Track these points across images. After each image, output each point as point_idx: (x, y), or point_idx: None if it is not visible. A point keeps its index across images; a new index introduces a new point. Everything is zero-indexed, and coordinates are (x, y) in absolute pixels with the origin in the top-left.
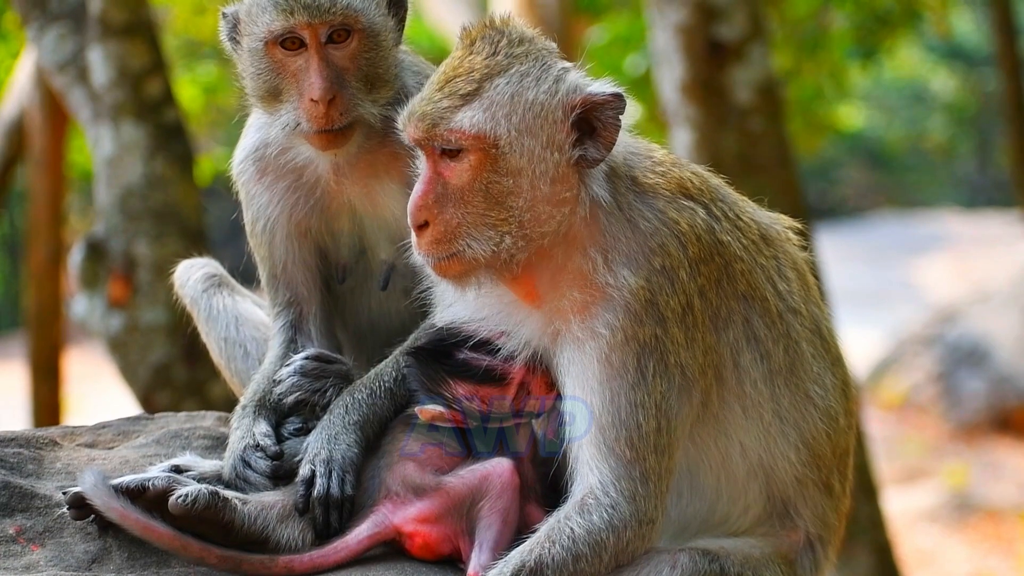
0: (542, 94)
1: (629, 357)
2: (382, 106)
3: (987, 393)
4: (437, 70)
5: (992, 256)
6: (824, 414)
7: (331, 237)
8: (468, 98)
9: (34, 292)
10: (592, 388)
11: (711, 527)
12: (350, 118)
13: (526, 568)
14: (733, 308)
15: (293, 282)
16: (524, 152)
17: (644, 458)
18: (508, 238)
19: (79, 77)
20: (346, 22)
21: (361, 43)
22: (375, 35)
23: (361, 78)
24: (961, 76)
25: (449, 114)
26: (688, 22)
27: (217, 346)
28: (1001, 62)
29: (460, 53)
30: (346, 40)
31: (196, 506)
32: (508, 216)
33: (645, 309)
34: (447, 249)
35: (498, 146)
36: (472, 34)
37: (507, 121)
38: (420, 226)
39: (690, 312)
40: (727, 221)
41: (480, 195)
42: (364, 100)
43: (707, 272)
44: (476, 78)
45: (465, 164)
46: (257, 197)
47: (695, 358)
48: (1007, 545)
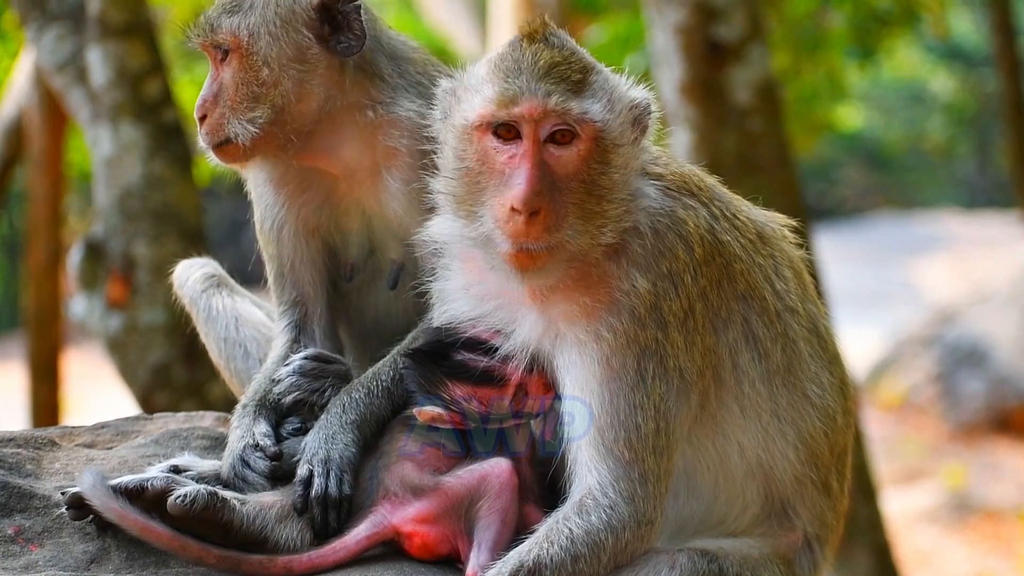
0: (625, 95)
1: (629, 359)
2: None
3: (986, 394)
4: (508, 59)
5: (991, 257)
6: (822, 413)
7: (340, 236)
8: (580, 87)
9: (33, 292)
10: (592, 389)
11: (709, 527)
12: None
13: (524, 568)
14: (733, 308)
15: (300, 281)
16: (624, 147)
17: (643, 459)
18: (607, 231)
19: (78, 77)
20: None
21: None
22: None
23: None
24: (960, 76)
25: (571, 98)
26: (687, 22)
27: (216, 346)
28: (1000, 62)
29: (536, 45)
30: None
31: (195, 506)
32: (608, 209)
33: (648, 313)
34: (552, 239)
35: (611, 138)
36: (540, 29)
37: (614, 115)
38: (532, 213)
39: (691, 316)
40: (725, 220)
41: (583, 186)
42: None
43: (709, 274)
44: (577, 69)
45: (574, 153)
46: (265, 195)
47: (694, 361)
48: (1006, 545)
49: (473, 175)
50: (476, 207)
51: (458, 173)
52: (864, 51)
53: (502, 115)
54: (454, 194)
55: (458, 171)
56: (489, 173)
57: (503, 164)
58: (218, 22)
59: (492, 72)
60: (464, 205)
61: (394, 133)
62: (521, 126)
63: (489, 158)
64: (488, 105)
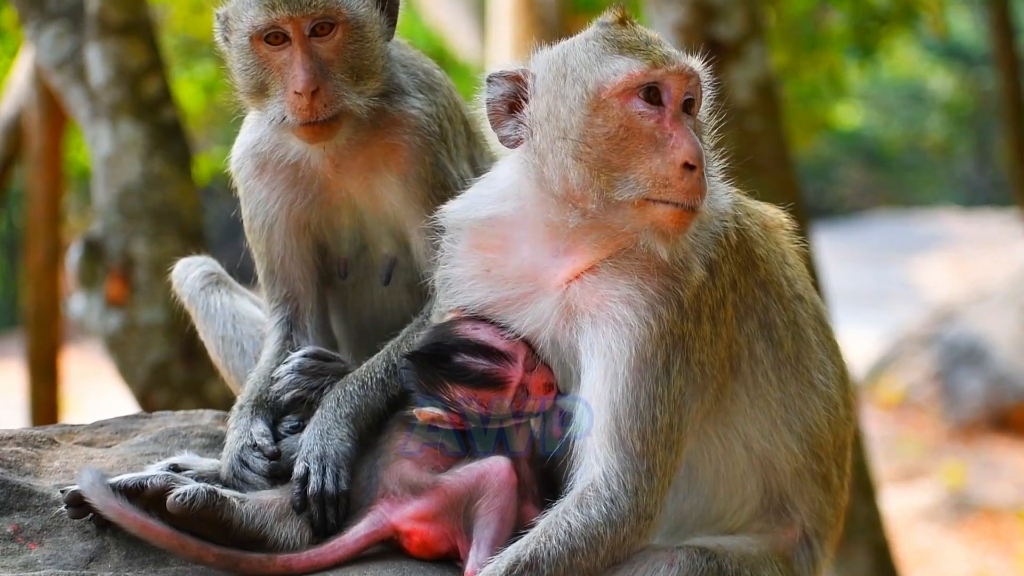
0: None
1: (661, 351)
2: (369, 97)
3: (985, 392)
4: (610, 32)
5: (990, 256)
6: (827, 402)
7: (331, 232)
8: None
9: (32, 291)
10: (617, 374)
11: (707, 523)
12: (335, 110)
13: (521, 563)
14: (756, 296)
15: (290, 278)
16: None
17: (654, 453)
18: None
19: (77, 76)
20: (328, 14)
21: (345, 35)
22: (360, 27)
23: (346, 70)
24: (959, 75)
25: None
26: (686, 21)
27: (215, 344)
28: (999, 61)
29: (626, 23)
30: (330, 32)
31: (194, 505)
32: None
33: (691, 304)
34: (703, 196)
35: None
36: (619, 12)
37: None
38: (694, 167)
39: (723, 307)
40: (739, 207)
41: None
42: (350, 92)
43: (738, 261)
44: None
45: (696, 119)
46: (255, 192)
47: (716, 354)
48: (1005, 544)
49: None
50: None
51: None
52: (863, 50)
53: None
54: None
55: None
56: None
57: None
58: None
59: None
60: None
61: (396, 130)
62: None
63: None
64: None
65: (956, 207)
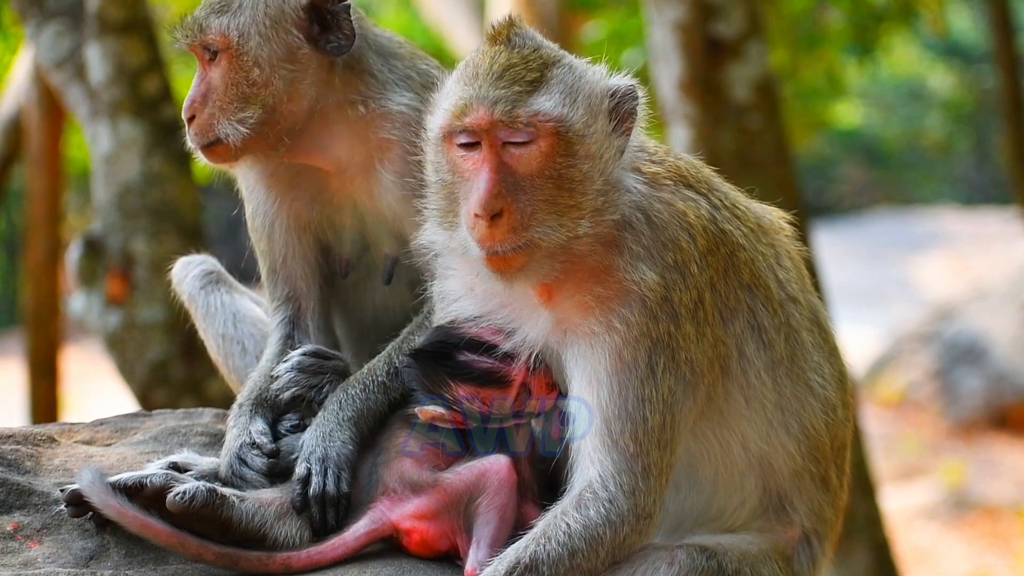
0: (596, 83)
1: (641, 353)
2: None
3: (984, 390)
4: (470, 65)
5: (989, 254)
6: (824, 404)
7: (333, 231)
8: (535, 85)
9: (32, 289)
10: (600, 381)
11: (707, 522)
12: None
13: (521, 564)
14: (739, 298)
15: (292, 276)
16: (594, 137)
17: (647, 452)
18: (584, 223)
19: (77, 74)
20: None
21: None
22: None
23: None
24: (958, 73)
25: (525, 98)
26: (686, 19)
27: (215, 342)
28: (998, 59)
29: (496, 48)
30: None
31: (194, 503)
32: (581, 202)
33: (659, 305)
34: (520, 238)
35: (574, 131)
36: (503, 31)
37: (577, 107)
38: (495, 216)
39: (701, 306)
40: (726, 210)
41: (551, 182)
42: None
43: (714, 263)
44: (535, 67)
45: (535, 151)
46: (258, 192)
47: (704, 352)
48: (1004, 542)
49: (448, 185)
50: (454, 216)
51: (436, 184)
52: (862, 48)
53: (458, 125)
54: (436, 206)
55: (436, 183)
56: (460, 182)
57: (469, 172)
58: (207, 22)
59: (455, 81)
60: (445, 216)
61: (386, 126)
62: (479, 134)
63: (458, 167)
64: (447, 116)
65: (955, 205)
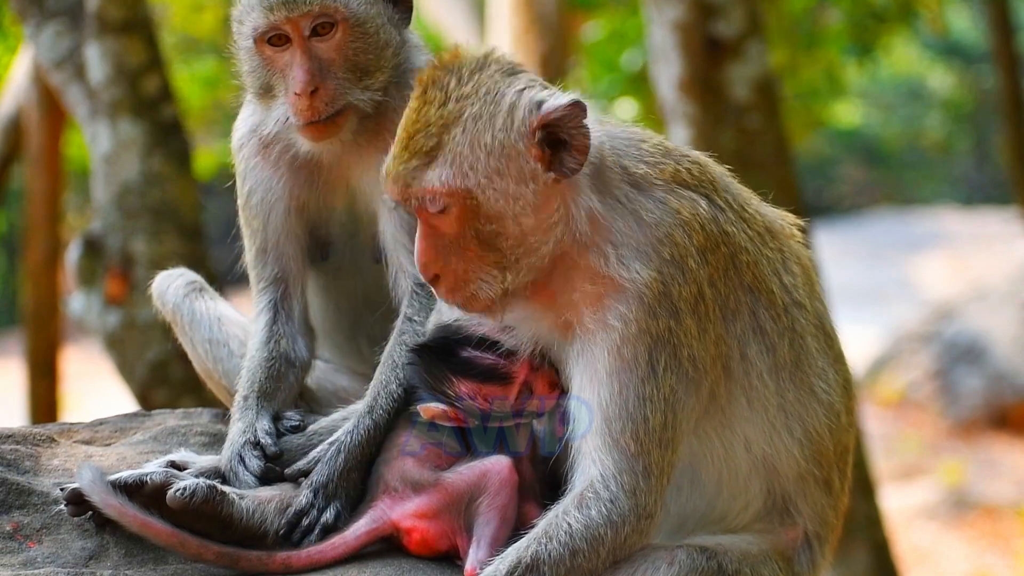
0: (499, 132)
1: (641, 350)
2: (376, 90)
3: (984, 390)
4: (400, 123)
5: (989, 253)
6: (827, 410)
7: (325, 213)
8: (431, 155)
9: (31, 289)
10: (601, 380)
11: (709, 523)
12: (336, 107)
13: (522, 564)
14: (740, 299)
15: (283, 256)
16: (499, 195)
17: (648, 452)
18: (510, 273)
19: (76, 74)
20: (325, 13)
21: (346, 33)
22: (360, 24)
23: (350, 68)
24: (958, 73)
25: (419, 173)
26: (686, 19)
27: (202, 348)
28: (998, 59)
29: (416, 103)
30: (330, 32)
31: (195, 499)
32: (503, 256)
33: (659, 301)
34: (464, 293)
35: (472, 196)
36: (424, 80)
37: (473, 171)
38: (433, 279)
39: (702, 301)
40: (731, 211)
41: (473, 242)
42: (353, 88)
43: (714, 261)
44: (434, 132)
45: (450, 216)
46: (256, 169)
47: (707, 349)
48: (1004, 542)
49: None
50: None
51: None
52: (862, 48)
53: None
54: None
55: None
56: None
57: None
58: None
59: None
60: None
61: (395, 118)
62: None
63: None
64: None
65: (955, 205)
